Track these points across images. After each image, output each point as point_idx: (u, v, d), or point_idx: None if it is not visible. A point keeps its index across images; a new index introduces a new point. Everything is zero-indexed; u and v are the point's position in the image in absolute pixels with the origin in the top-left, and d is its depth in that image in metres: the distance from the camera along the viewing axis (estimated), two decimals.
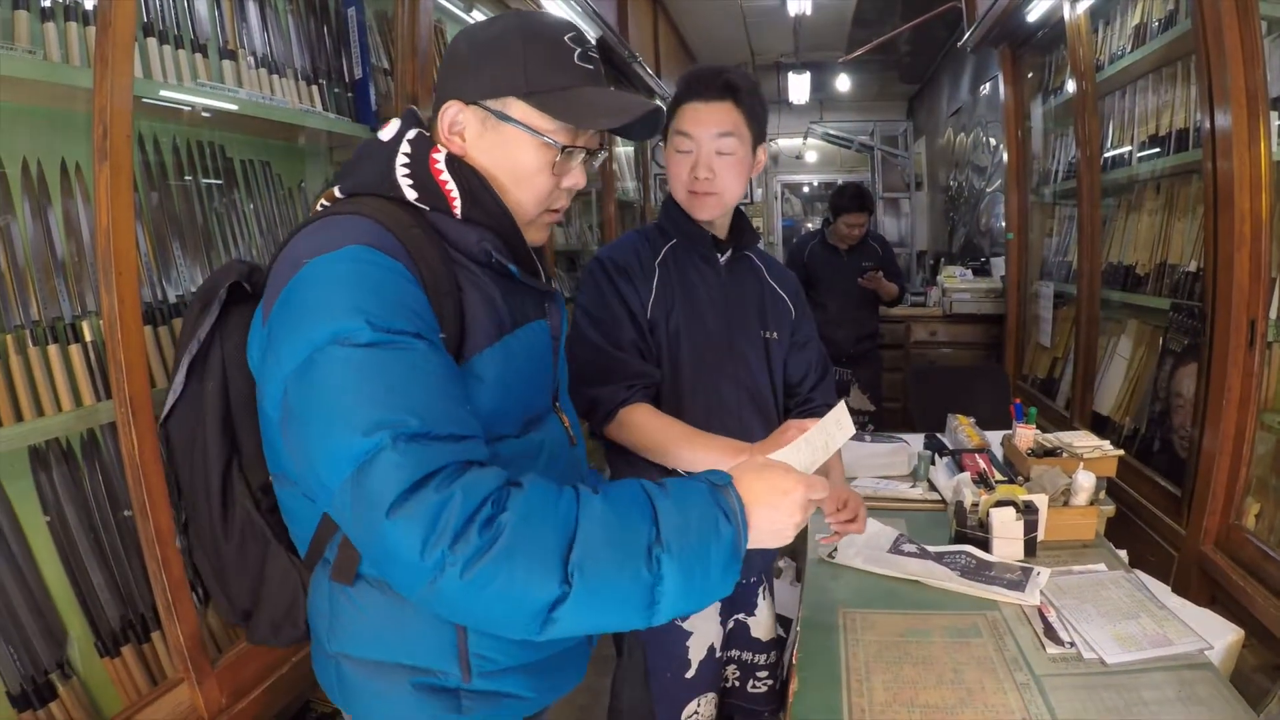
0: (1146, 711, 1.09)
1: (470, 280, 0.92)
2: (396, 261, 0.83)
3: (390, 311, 0.79)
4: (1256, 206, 1.69)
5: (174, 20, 1.45)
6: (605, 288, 1.46)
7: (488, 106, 0.94)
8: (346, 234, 0.84)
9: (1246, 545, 1.72)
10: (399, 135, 0.95)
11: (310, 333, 0.77)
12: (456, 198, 0.93)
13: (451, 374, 0.82)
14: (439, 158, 0.94)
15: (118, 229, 1.17)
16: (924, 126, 8.09)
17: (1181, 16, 2.10)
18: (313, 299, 0.79)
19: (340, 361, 0.75)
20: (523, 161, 0.96)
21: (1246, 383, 1.76)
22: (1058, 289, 3.31)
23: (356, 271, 0.81)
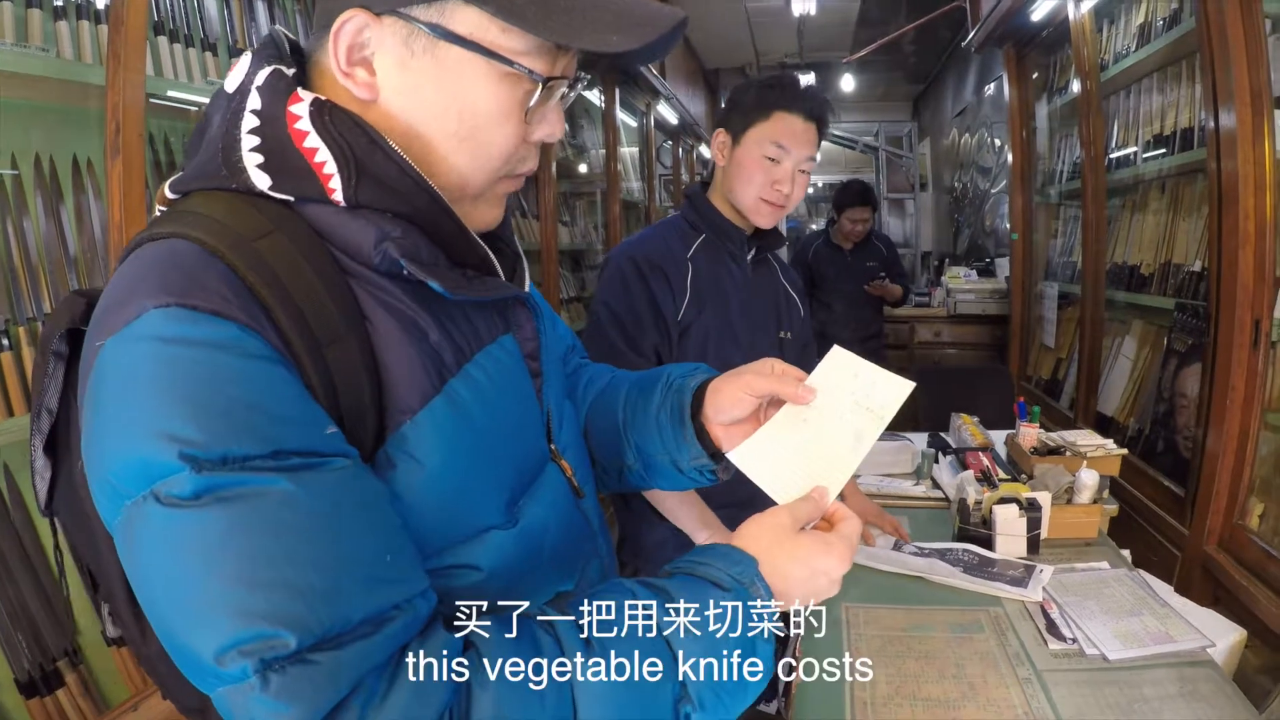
0: (1148, 708, 1.09)
1: (380, 302, 0.61)
2: (227, 323, 0.52)
3: (221, 427, 0.50)
4: (1261, 205, 1.69)
5: (184, 19, 1.47)
6: (635, 286, 1.41)
7: (415, 17, 0.60)
8: (144, 285, 0.53)
9: (1250, 546, 1.71)
10: (247, 80, 0.62)
11: (114, 472, 0.51)
12: (334, 172, 0.59)
13: (351, 504, 0.54)
14: (299, 109, 0.60)
15: (130, 224, 1.19)
16: (929, 127, 8.09)
17: (1185, 15, 2.09)
18: (107, 414, 0.52)
19: (160, 532, 0.49)
20: (477, 103, 0.62)
21: (1250, 382, 1.75)
22: (1062, 289, 3.31)
23: (158, 362, 0.51)
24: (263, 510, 0.49)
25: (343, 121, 0.60)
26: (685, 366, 0.86)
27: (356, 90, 0.62)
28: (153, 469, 0.49)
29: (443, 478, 0.61)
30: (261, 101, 0.60)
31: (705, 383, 0.81)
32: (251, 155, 0.59)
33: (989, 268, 5.01)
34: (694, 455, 0.81)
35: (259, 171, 0.59)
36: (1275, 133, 1.66)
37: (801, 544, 0.65)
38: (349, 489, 0.54)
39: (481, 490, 0.64)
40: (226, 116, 0.61)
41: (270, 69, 0.62)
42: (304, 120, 0.60)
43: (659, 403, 0.83)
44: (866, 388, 0.75)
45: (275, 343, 0.54)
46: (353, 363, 0.58)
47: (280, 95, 0.60)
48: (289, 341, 0.54)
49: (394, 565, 0.54)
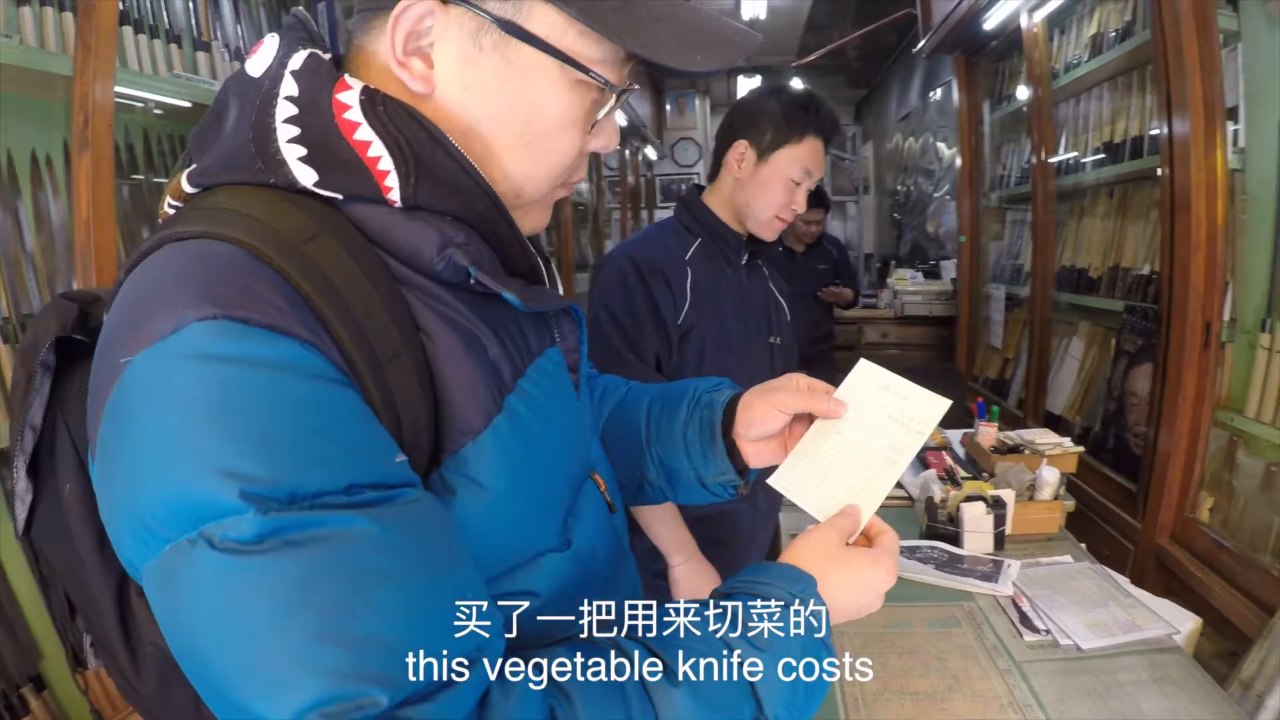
0: (1124, 692, 1.14)
1: (437, 313, 0.55)
2: (285, 339, 0.46)
3: (289, 461, 0.44)
4: (1212, 213, 1.76)
5: (149, 9, 1.41)
6: (636, 290, 1.40)
7: (488, 10, 0.55)
8: (181, 292, 0.46)
9: (1202, 538, 1.79)
10: (277, 65, 0.56)
11: (154, 512, 0.44)
12: (389, 169, 0.54)
13: (430, 542, 0.49)
14: (348, 98, 0.54)
15: (98, 221, 1.13)
16: (872, 131, 8.26)
17: (1139, 27, 2.18)
18: (143, 443, 0.45)
19: (217, 581, 0.43)
20: (546, 109, 0.58)
21: (1201, 381, 1.83)
22: (1008, 291, 3.40)
23: (209, 385, 0.44)
24: (340, 554, 0.43)
25: (399, 114, 0.55)
26: (709, 382, 0.84)
27: (411, 82, 0.56)
28: (206, 509, 0.43)
29: (505, 501, 0.56)
30: (299, 88, 0.54)
31: (734, 398, 0.80)
32: (291, 147, 0.53)
33: (934, 270, 5.13)
34: (721, 470, 0.79)
35: (302, 165, 0.53)
36: (1227, 142, 1.74)
37: (853, 560, 0.64)
38: (426, 523, 0.49)
39: (541, 512, 0.61)
40: (255, 104, 0.54)
41: (306, 52, 0.56)
42: (354, 110, 0.54)
43: (685, 418, 0.81)
44: (900, 402, 0.74)
45: (337, 360, 0.48)
46: (411, 381, 0.52)
47: (324, 81, 0.54)
48: (350, 359, 0.49)
49: (474, 603, 0.49)
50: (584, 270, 4.70)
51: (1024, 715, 1.10)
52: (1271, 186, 1.66)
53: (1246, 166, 1.75)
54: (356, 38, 0.60)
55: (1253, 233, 1.74)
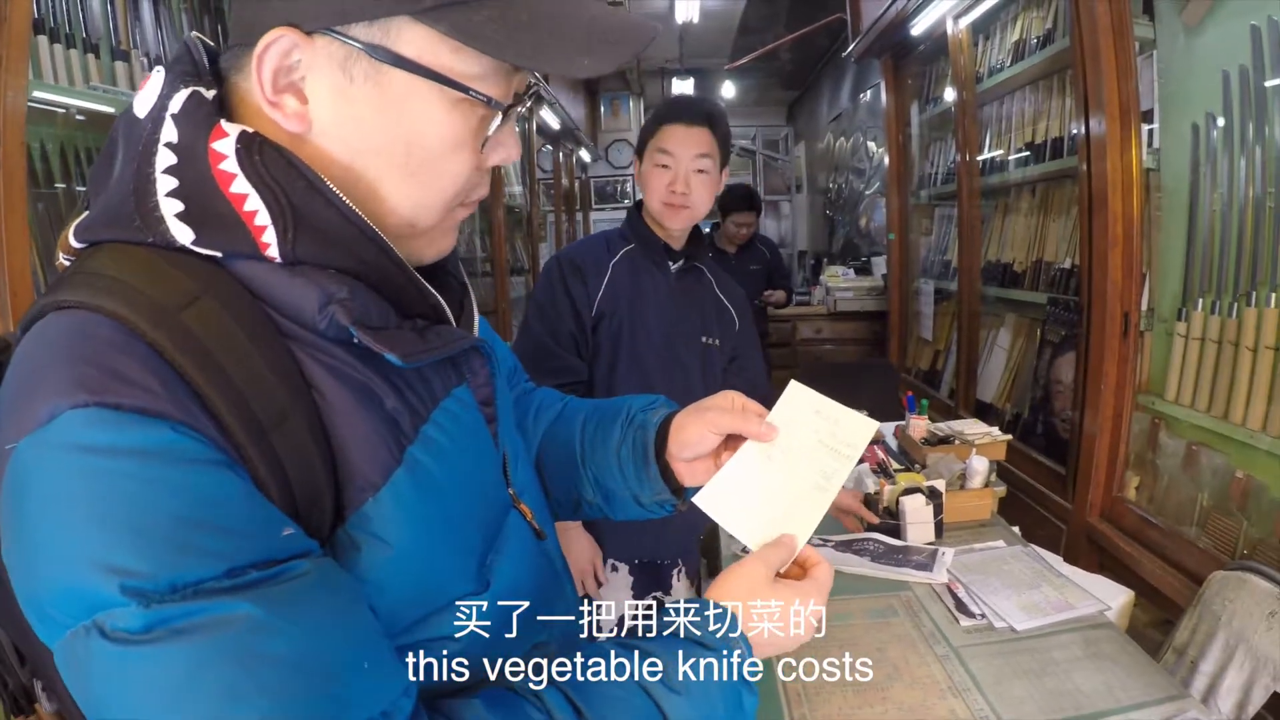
0: (1059, 670, 1.18)
1: (328, 368, 0.53)
2: (156, 422, 0.45)
3: (165, 553, 0.43)
4: (1129, 209, 1.86)
5: (65, 17, 1.34)
6: (556, 284, 1.59)
7: (354, 38, 0.52)
8: (54, 375, 0.45)
9: (1129, 514, 1.89)
10: (160, 105, 0.53)
11: (50, 599, 0.44)
12: (267, 224, 0.51)
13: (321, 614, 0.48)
14: (224, 147, 0.51)
15: (12, 249, 1.07)
16: (804, 131, 8.41)
17: (1059, 35, 2.28)
18: (33, 534, 0.45)
19: (113, 668, 0.43)
20: (427, 134, 0.55)
21: (1122, 369, 1.93)
22: (937, 286, 3.51)
23: (83, 478, 0.43)
24: (225, 640, 0.43)
25: (275, 162, 0.52)
26: (643, 400, 0.84)
27: (285, 122, 0.53)
28: (93, 600, 0.42)
29: (411, 554, 0.54)
30: (179, 134, 0.51)
31: (667, 418, 0.79)
32: (169, 201, 0.50)
33: (865, 266, 5.26)
34: (656, 491, 0.79)
35: (179, 223, 0.50)
36: (1142, 142, 1.84)
37: (779, 594, 0.63)
38: (316, 597, 0.47)
39: (451, 559, 0.59)
40: (137, 150, 0.52)
41: (188, 91, 0.52)
42: (230, 160, 0.51)
43: (619, 438, 0.80)
44: (830, 426, 0.73)
45: (213, 437, 0.46)
46: (303, 442, 0.50)
47: (201, 127, 0.51)
48: (229, 431, 0.47)
49: (373, 670, 0.48)
50: (519, 274, 4.67)
51: (963, 699, 1.12)
52: (1185, 184, 1.76)
53: (1161, 165, 1.85)
54: (230, 75, 0.56)
55: (1168, 227, 1.84)
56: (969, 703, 1.12)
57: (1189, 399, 1.74)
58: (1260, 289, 1.54)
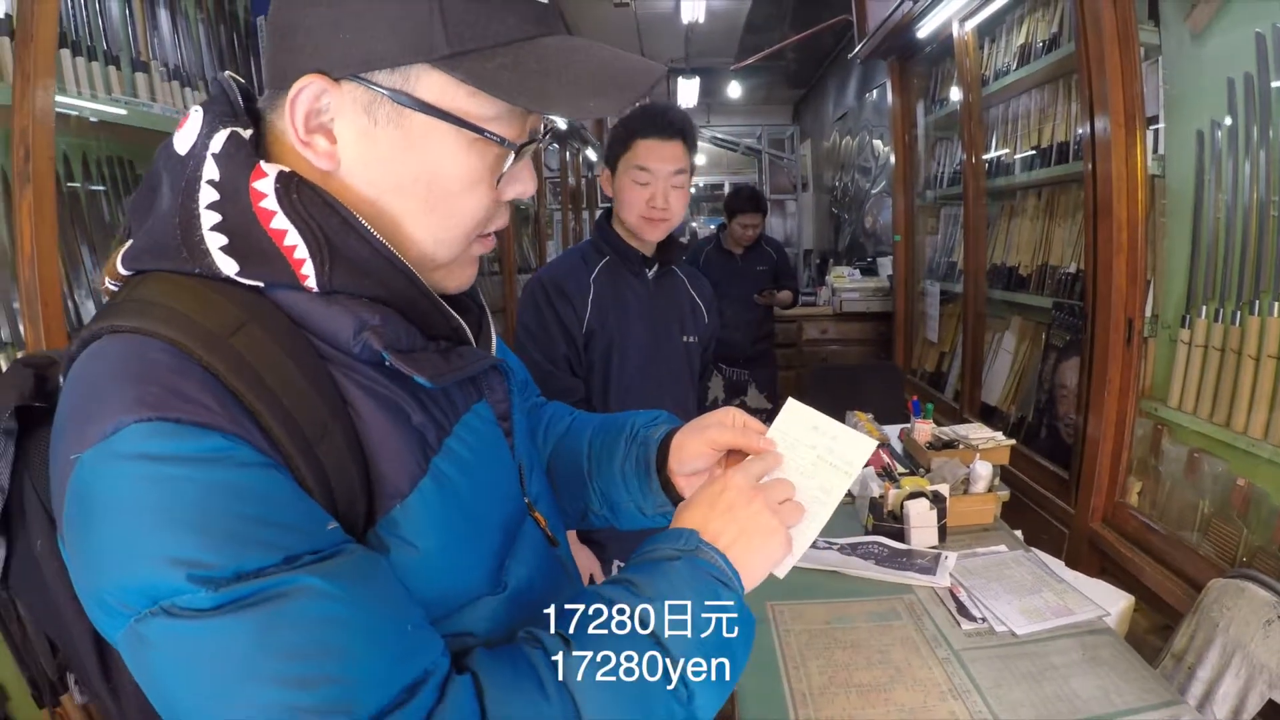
0: (1057, 674, 1.20)
1: (362, 387, 0.58)
2: (213, 433, 0.49)
3: (228, 546, 0.48)
4: (1133, 215, 1.86)
5: (88, 31, 1.36)
6: (544, 309, 1.62)
7: (377, 84, 0.56)
8: (117, 393, 0.49)
9: (1131, 520, 1.89)
10: (200, 144, 0.57)
11: (116, 593, 0.48)
12: (305, 257, 0.56)
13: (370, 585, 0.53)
14: (264, 186, 0.56)
15: (42, 257, 1.09)
16: (810, 130, 8.40)
17: (1064, 39, 2.27)
18: (100, 535, 0.49)
19: (182, 643, 0.47)
20: (447, 172, 0.59)
21: (1126, 374, 1.93)
22: (943, 287, 3.51)
23: (149, 483, 0.48)
24: (290, 607, 0.48)
25: (311, 200, 0.57)
26: (646, 416, 0.88)
27: (316, 160, 0.58)
28: (160, 590, 0.47)
29: (436, 556, 0.59)
30: (220, 172, 0.56)
31: (668, 435, 0.84)
32: (214, 235, 0.55)
33: (871, 266, 5.26)
34: (659, 503, 0.84)
35: (224, 255, 0.55)
36: (1146, 149, 1.84)
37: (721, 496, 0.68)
38: (363, 571, 0.53)
39: (472, 562, 0.64)
40: (180, 186, 0.56)
41: (227, 132, 0.57)
42: (270, 199, 0.55)
43: (623, 454, 0.85)
44: (829, 442, 0.76)
45: (264, 447, 0.51)
46: (341, 452, 0.55)
47: (242, 167, 0.56)
48: (278, 443, 0.52)
49: (416, 633, 0.54)
50: (525, 273, 4.68)
51: (963, 701, 1.14)
52: (1189, 190, 1.75)
53: (1166, 171, 1.85)
54: (267, 115, 0.61)
55: (1172, 233, 1.83)
56: (969, 705, 1.13)
57: (1192, 406, 1.74)
58: (1264, 297, 1.54)
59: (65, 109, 1.27)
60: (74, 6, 1.35)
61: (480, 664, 0.56)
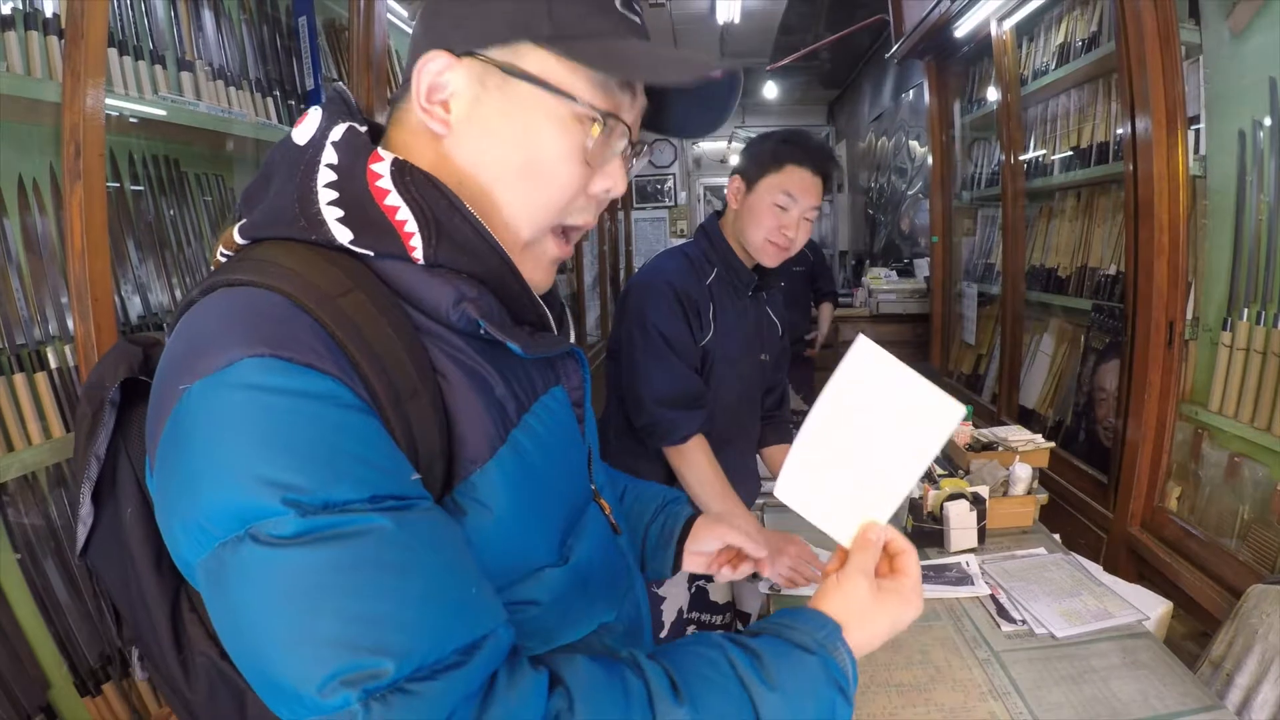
0: (1097, 677, 1.20)
1: (451, 358, 0.62)
2: (321, 375, 0.53)
3: (323, 474, 0.51)
4: (1174, 216, 1.83)
5: (134, 30, 1.40)
6: (679, 315, 1.58)
7: (491, 57, 0.64)
8: (234, 332, 0.54)
9: (1170, 525, 1.87)
10: (319, 135, 0.64)
11: (207, 514, 0.51)
12: (414, 231, 0.61)
13: (440, 542, 0.56)
14: (380, 169, 0.62)
15: (92, 253, 1.13)
16: (845, 130, 8.34)
17: (1104, 38, 2.25)
18: (199, 457, 0.52)
19: (260, 570, 0.50)
20: (543, 139, 0.65)
21: (1166, 378, 1.90)
22: (980, 289, 3.47)
23: (257, 410, 0.51)
24: (363, 547, 0.51)
25: (422, 183, 0.63)
26: (675, 492, 1.05)
27: (433, 124, 0.65)
28: (251, 511, 0.50)
29: (507, 522, 0.63)
30: (339, 157, 0.62)
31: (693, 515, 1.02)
32: (331, 209, 0.61)
33: (908, 268, 5.21)
34: (663, 563, 0.99)
35: (340, 225, 0.61)
36: (1188, 150, 1.81)
37: (883, 604, 0.69)
38: (436, 528, 0.56)
39: (540, 532, 0.67)
40: (299, 169, 0.63)
41: (345, 125, 0.64)
42: (385, 179, 0.62)
43: (651, 518, 1.01)
44: (911, 400, 0.69)
45: (363, 394, 0.55)
46: (428, 414, 0.59)
47: (360, 153, 0.63)
48: (375, 394, 0.56)
49: (479, 598, 0.56)
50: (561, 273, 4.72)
51: (1003, 702, 1.15)
52: (1231, 192, 1.73)
53: (1207, 172, 1.82)
54: (398, 103, 0.69)
55: (1214, 236, 1.81)
56: (1009, 706, 1.14)
57: (1232, 410, 1.71)
58: None
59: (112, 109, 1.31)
60: (120, 6, 1.39)
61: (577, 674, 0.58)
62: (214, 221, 1.64)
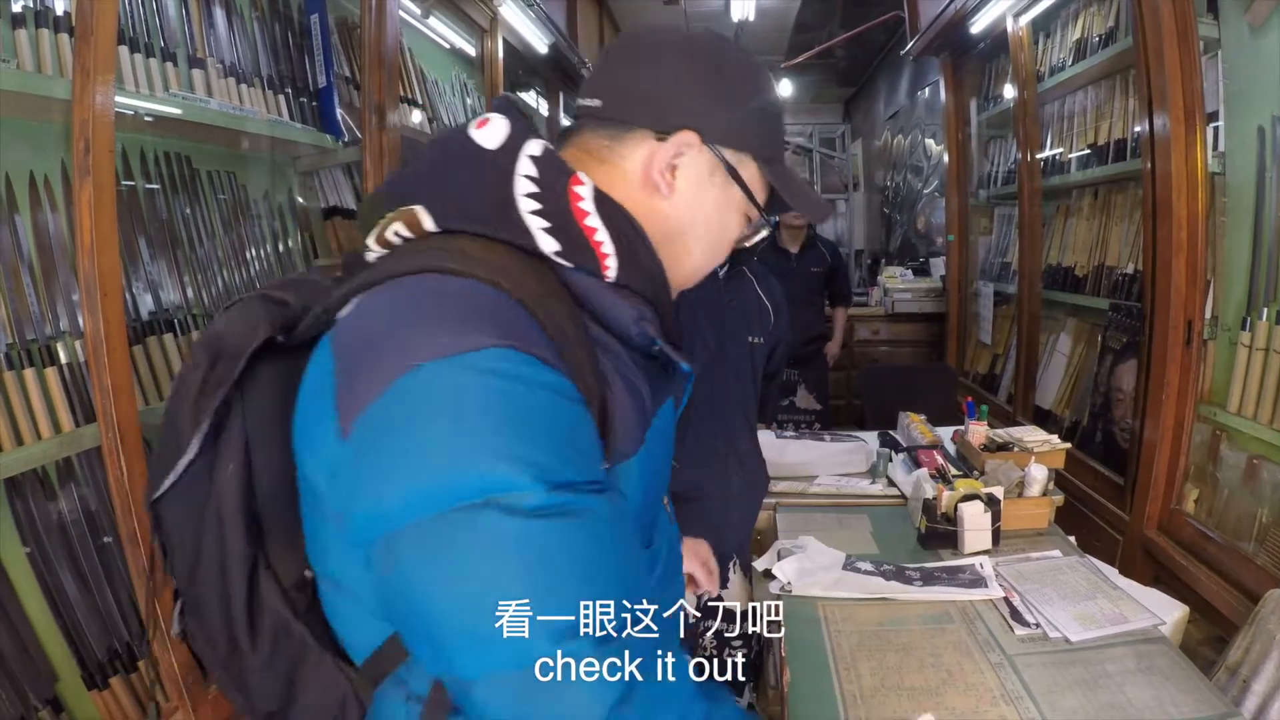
0: (1111, 683, 1.18)
1: (615, 367, 0.69)
2: (552, 370, 0.60)
3: (562, 458, 0.58)
4: (1193, 213, 1.81)
5: (144, 27, 1.41)
6: None
7: (725, 158, 0.76)
8: (473, 321, 0.59)
9: (1187, 528, 1.84)
10: (512, 145, 0.69)
11: (442, 482, 0.56)
12: (610, 252, 0.69)
13: (630, 529, 0.66)
14: (583, 192, 0.69)
15: (101, 248, 1.13)
16: (860, 129, 8.30)
17: (1121, 34, 2.22)
18: (439, 429, 0.56)
19: (503, 534, 0.55)
20: (729, 227, 0.80)
21: (1184, 378, 1.88)
22: (996, 288, 3.45)
23: (502, 394, 0.57)
24: (585, 524, 0.57)
25: (617, 212, 0.70)
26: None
27: (662, 186, 0.75)
28: (496, 483, 0.55)
29: (639, 508, 0.71)
30: (539, 172, 0.68)
31: None
32: (535, 218, 0.67)
33: (924, 267, 5.18)
34: None
35: (547, 235, 0.67)
36: (1206, 146, 1.79)
37: None
38: (619, 511, 0.64)
39: (649, 520, 0.77)
40: (491, 172, 0.68)
41: (541, 144, 0.70)
42: (587, 202, 0.69)
43: None
44: None
45: (579, 390, 0.62)
46: (597, 414, 0.65)
47: (562, 173, 0.69)
48: (579, 390, 0.62)
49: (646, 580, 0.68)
50: None
51: (1015, 707, 1.13)
52: (1250, 188, 1.70)
53: (1226, 169, 1.79)
54: (596, 138, 0.76)
55: (1233, 234, 1.78)
56: (1021, 711, 1.13)
57: (1251, 411, 1.69)
58: None
59: (124, 107, 1.32)
60: (131, 4, 1.39)
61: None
62: (226, 219, 1.65)
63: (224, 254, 1.62)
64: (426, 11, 2.57)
